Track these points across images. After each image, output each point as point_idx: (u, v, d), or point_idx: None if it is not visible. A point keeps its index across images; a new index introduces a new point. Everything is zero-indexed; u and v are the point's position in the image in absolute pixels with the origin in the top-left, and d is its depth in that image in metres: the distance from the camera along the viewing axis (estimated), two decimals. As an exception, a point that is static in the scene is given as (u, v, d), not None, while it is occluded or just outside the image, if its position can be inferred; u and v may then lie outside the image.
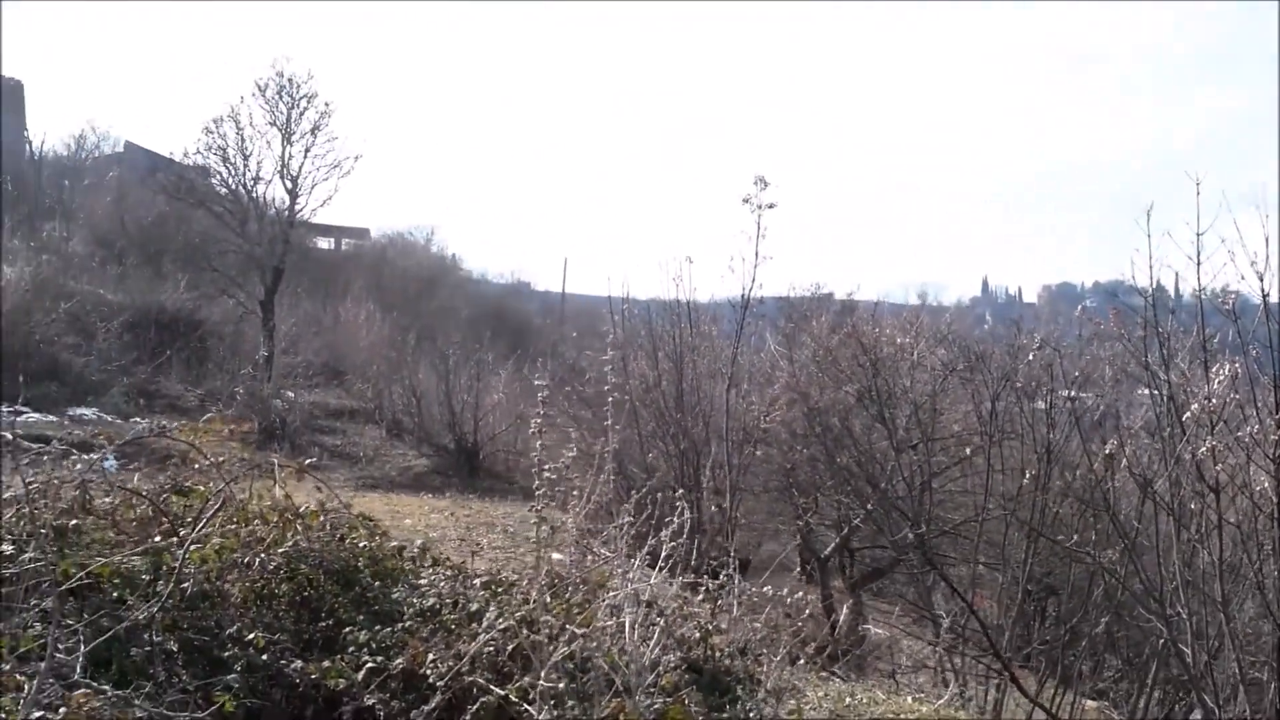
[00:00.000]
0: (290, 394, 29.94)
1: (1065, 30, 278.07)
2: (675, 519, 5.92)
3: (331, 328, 39.05)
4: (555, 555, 6.14)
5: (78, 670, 4.23)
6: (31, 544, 5.03)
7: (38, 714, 3.79)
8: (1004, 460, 13.35)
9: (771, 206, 15.04)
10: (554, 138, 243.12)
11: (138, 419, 27.08)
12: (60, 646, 4.22)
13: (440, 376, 28.24)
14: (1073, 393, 11.79)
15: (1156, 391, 8.99)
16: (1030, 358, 12.53)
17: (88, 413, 26.86)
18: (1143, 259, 8.45)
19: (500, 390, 27.99)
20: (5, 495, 5.93)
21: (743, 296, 15.88)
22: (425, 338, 35.81)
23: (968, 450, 13.95)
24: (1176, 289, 9.42)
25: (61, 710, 3.75)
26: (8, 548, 5.15)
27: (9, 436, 6.64)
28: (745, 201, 15.03)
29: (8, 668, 4.08)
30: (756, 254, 15.27)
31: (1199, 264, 8.22)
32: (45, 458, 6.29)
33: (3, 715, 3.73)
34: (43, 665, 3.98)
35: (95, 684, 4.13)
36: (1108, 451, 9.02)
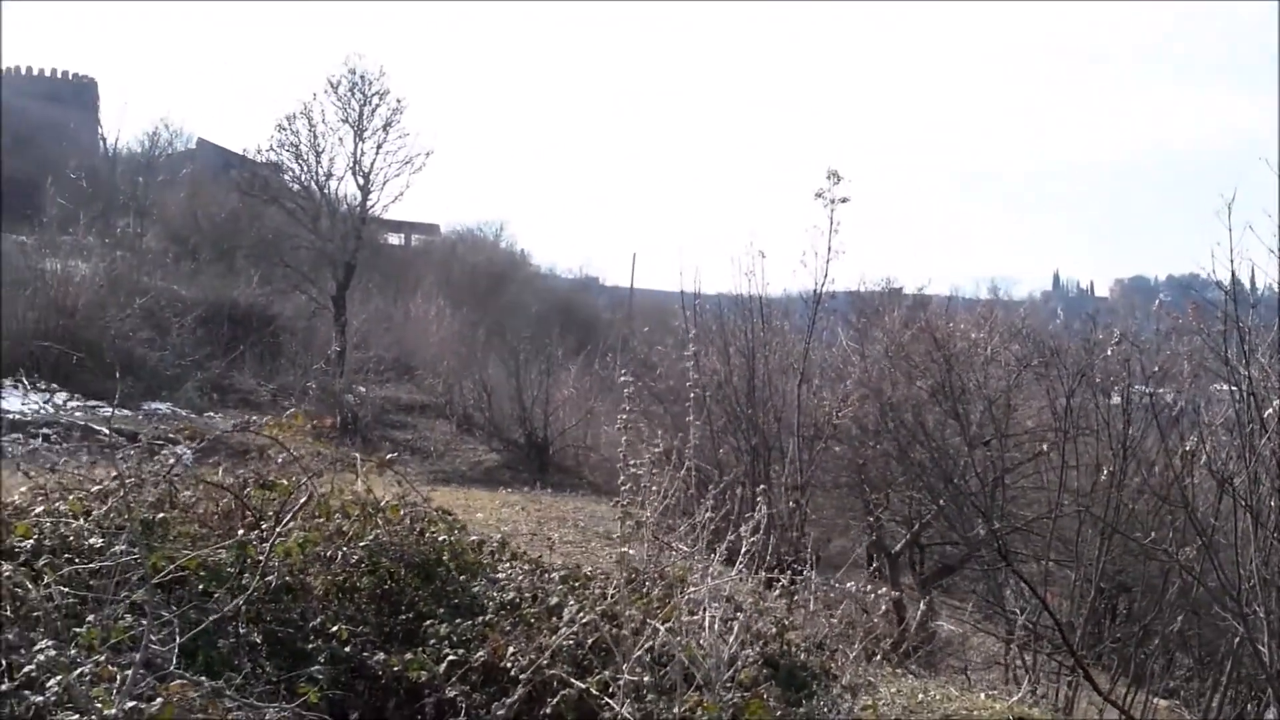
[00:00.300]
0: (362, 389, 30.19)
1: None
2: (754, 514, 5.94)
3: (402, 323, 39.23)
4: (628, 550, 6.17)
5: (173, 662, 4.31)
6: (122, 537, 5.12)
7: (130, 704, 3.86)
8: (1078, 456, 13.25)
9: (844, 201, 14.96)
10: (622, 131, 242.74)
11: (211, 413, 27.47)
12: (153, 638, 4.30)
13: (510, 372, 28.38)
14: (1150, 388, 11.68)
15: (1236, 387, 8.89)
16: (1108, 353, 12.44)
17: (162, 407, 27.19)
18: (1223, 252, 8.36)
19: (570, 385, 28.08)
20: (94, 489, 6.05)
21: (815, 292, 15.81)
22: (495, 333, 35.99)
23: (1044, 446, 13.86)
24: (1252, 282, 9.29)
25: (158, 701, 3.82)
26: (97, 541, 5.25)
27: (106, 431, 6.76)
28: (818, 196, 14.97)
29: (102, 658, 4.17)
30: (829, 249, 15.20)
31: (1281, 256, 8.15)
32: (132, 452, 6.40)
33: (98, 705, 3.80)
34: (137, 656, 4.05)
35: (187, 675, 4.20)
36: (1187, 448, 8.95)
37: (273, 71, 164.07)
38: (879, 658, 6.75)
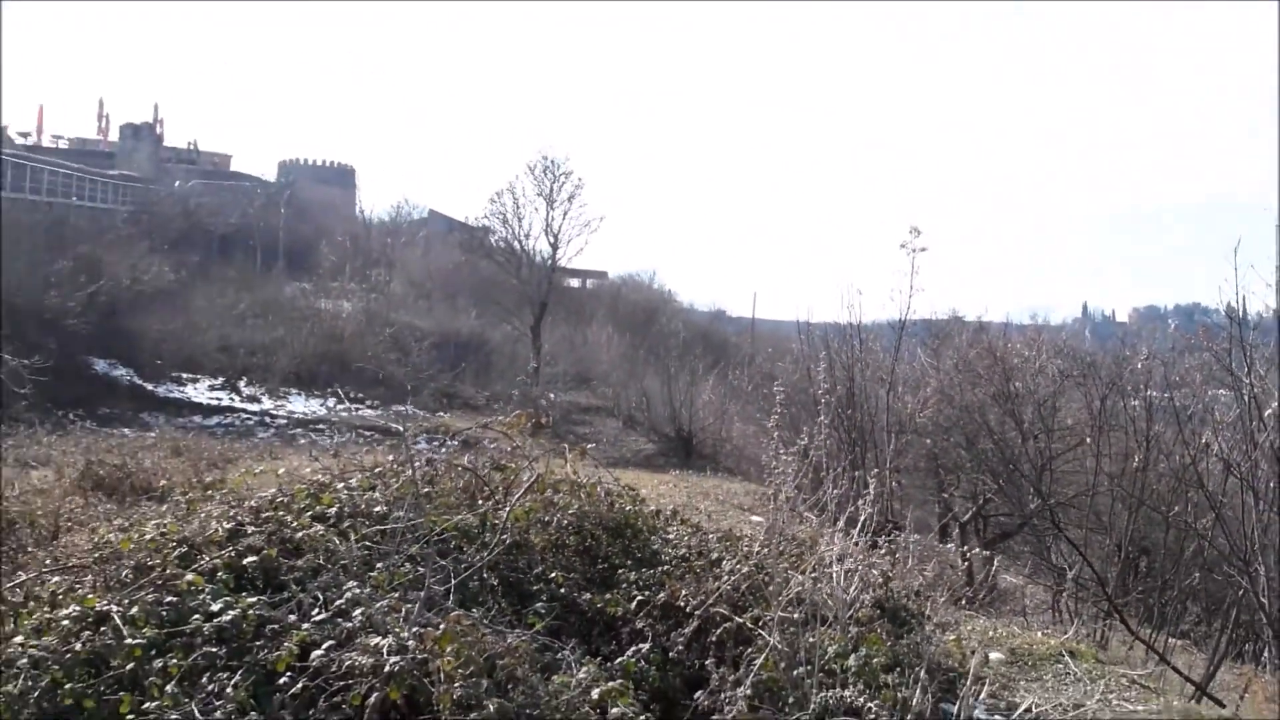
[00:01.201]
0: (552, 395, 30.90)
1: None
2: (864, 491, 5.94)
3: (581, 346, 39.92)
4: (755, 518, 6.22)
5: (450, 599, 4.44)
6: (401, 505, 5.29)
7: (415, 629, 4.00)
8: (1110, 447, 13.02)
9: (923, 250, 14.89)
10: (743, 194, 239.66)
11: (442, 413, 28.27)
12: (432, 581, 4.43)
13: (663, 382, 28.78)
14: (1168, 394, 11.47)
15: (1239, 392, 8.70)
16: (1139, 365, 12.28)
17: (405, 409, 27.97)
18: (1229, 286, 8.24)
19: (708, 393, 28.25)
20: (375, 469, 6.25)
21: (900, 322, 15.80)
22: (651, 353, 36.43)
23: (1086, 439, 13.59)
24: (1244, 308, 9.08)
25: (441, 626, 3.93)
26: (382, 509, 5.45)
27: (400, 428, 6.96)
28: (901, 246, 14.90)
29: (395, 596, 4.31)
30: (910, 287, 15.16)
31: (1279, 290, 8.01)
32: (408, 442, 6.58)
33: (396, 630, 3.93)
34: (421, 595, 4.18)
35: (456, 609, 4.33)
36: (1203, 441, 8.78)
37: (485, 157, 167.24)
38: (961, 602, 6.69)
